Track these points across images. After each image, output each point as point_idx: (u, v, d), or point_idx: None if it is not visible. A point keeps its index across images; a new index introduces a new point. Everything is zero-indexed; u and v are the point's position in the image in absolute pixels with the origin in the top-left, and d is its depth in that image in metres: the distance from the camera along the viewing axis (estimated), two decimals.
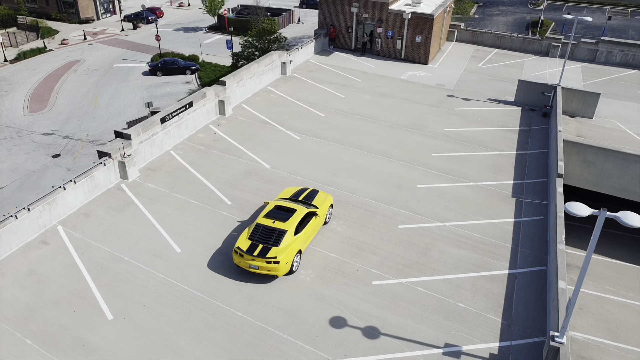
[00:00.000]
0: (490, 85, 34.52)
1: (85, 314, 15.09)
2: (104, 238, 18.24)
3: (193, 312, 15.28)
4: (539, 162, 24.66)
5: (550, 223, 19.40)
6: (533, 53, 41.58)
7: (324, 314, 15.31)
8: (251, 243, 16.34)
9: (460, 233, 19.18)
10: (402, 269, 17.26)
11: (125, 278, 16.46)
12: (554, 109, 28.82)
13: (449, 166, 23.93)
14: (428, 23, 36.97)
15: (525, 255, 18.12)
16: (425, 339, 14.59)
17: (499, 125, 28.47)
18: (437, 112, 29.97)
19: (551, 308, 15.17)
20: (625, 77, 36.95)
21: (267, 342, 14.36)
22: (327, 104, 30.45)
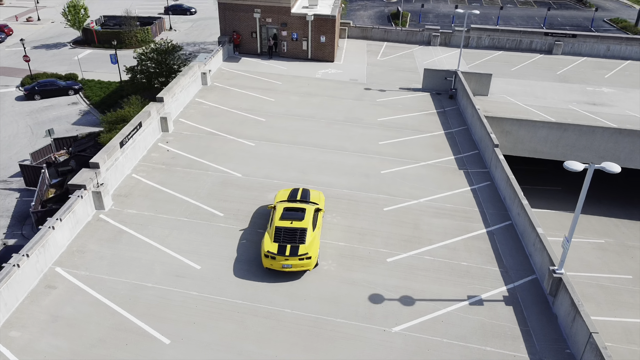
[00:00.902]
0: (396, 76, 38.36)
1: (140, 344, 14.93)
2: (114, 270, 17.71)
3: (245, 318, 15.95)
4: (465, 137, 28.70)
5: (500, 186, 23.20)
6: (417, 43, 46.65)
7: (361, 294, 17.04)
8: (279, 245, 17.36)
9: (435, 206, 22.09)
10: (405, 244, 19.60)
11: (160, 303, 16.41)
12: (459, 91, 33.40)
13: (398, 151, 26.82)
14: (331, 23, 39.66)
15: (492, 215, 21.62)
16: (450, 296, 17.12)
17: (420, 110, 32.19)
18: (363, 105, 32.78)
19: (533, 250, 18.68)
20: (496, 58, 43.48)
21: (326, 329, 15.70)
22: (261, 108, 31.51)
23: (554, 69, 41.19)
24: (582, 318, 14.68)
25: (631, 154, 27.22)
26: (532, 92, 36.11)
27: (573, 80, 38.74)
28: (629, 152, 27.25)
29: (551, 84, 37.85)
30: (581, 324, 14.71)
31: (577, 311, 15.00)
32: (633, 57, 43.52)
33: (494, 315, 16.44)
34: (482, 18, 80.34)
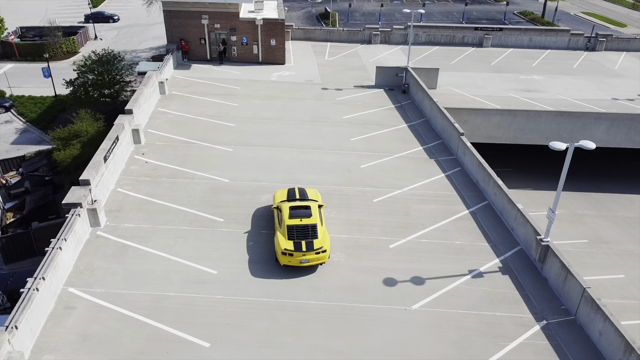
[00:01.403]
0: (347, 75, 39.96)
1: (181, 350, 15.23)
2: (130, 284, 17.69)
3: (275, 314, 16.67)
4: (426, 129, 30.81)
5: (470, 170, 25.38)
6: (359, 42, 48.62)
7: (375, 280, 18.30)
8: (294, 242, 18.20)
9: (418, 193, 23.83)
10: (401, 230, 21.11)
11: (188, 310, 16.71)
12: (411, 86, 35.60)
13: (370, 145, 28.35)
14: (280, 27, 40.51)
15: (470, 197, 23.69)
16: (453, 273, 18.83)
17: (379, 106, 33.98)
18: (325, 104, 34.03)
19: (515, 225, 20.88)
20: (434, 53, 46.39)
21: (354, 314, 16.81)
22: (228, 114, 31.83)
23: (487, 60, 44.73)
24: (574, 277, 16.90)
25: (571, 133, 30.67)
26: (473, 83, 39.13)
27: (506, 70, 42.36)
28: (569, 131, 30.68)
29: (489, 74, 41.17)
30: (573, 282, 16.93)
31: (568, 272, 17.22)
32: (551, 46, 48.17)
33: (494, 284, 18.35)
34: (406, 15, 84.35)
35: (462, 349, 15.68)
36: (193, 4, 39.55)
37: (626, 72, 42.65)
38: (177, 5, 39.57)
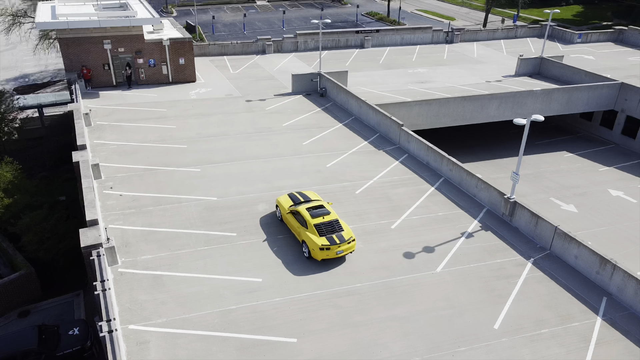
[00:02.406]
0: (261, 85, 41.87)
1: (275, 350, 16.48)
2: (189, 308, 18.15)
3: (335, 302, 18.66)
4: (359, 125, 34.41)
5: (419, 155, 29.56)
6: (253, 53, 50.55)
7: (396, 256, 21.24)
8: (326, 237, 20.27)
9: (387, 180, 27.27)
10: (393, 213, 24.32)
11: (258, 316, 17.86)
12: (329, 89, 38.99)
13: (323, 146, 31.03)
14: (188, 45, 40.78)
15: (428, 177, 27.83)
16: (451, 237, 22.60)
17: (308, 111, 36.71)
18: (259, 115, 35.71)
19: (477, 191, 25.44)
20: (327, 57, 50.34)
21: (395, 286, 19.54)
22: (172, 136, 31.84)
23: (374, 60, 50.06)
24: (545, 220, 21.82)
25: (472, 113, 36.84)
26: (375, 81, 43.89)
27: (394, 67, 48.04)
28: (471, 112, 36.81)
29: (382, 72, 46.35)
30: (545, 224, 21.84)
31: (539, 217, 22.11)
32: (419, 42, 55.47)
33: (483, 240, 22.56)
34: (267, 23, 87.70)
35: (489, 291, 19.48)
36: (92, 30, 37.91)
37: (484, 58, 51.32)
38: (75, 32, 37.56)
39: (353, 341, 17.09)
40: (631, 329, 17.98)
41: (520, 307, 18.83)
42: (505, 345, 17.12)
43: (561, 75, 43.93)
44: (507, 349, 16.98)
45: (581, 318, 18.44)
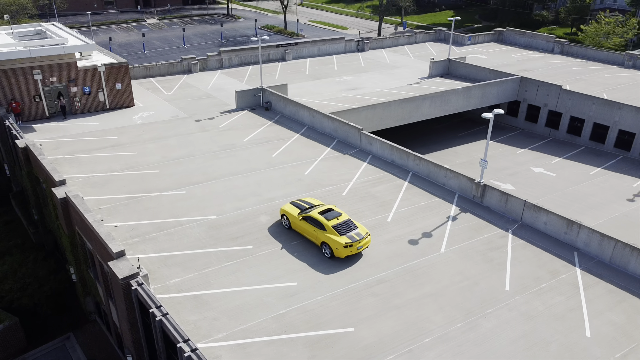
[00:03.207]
0: (203, 103, 42.16)
1: (339, 341, 18.03)
2: (240, 320, 18.94)
3: (371, 291, 20.61)
4: (315, 134, 36.53)
5: (383, 154, 32.42)
6: (179, 73, 50.24)
7: (402, 244, 23.73)
8: (346, 236, 22.14)
9: (364, 181, 29.74)
10: (383, 208, 26.82)
11: (306, 317, 19.22)
12: (274, 102, 40.63)
13: (292, 157, 32.67)
14: (124, 70, 39.81)
15: (398, 172, 30.79)
16: (440, 222, 25.62)
17: (261, 125, 37.99)
18: (216, 133, 36.24)
19: (446, 180, 28.90)
20: (253, 72, 51.56)
21: (414, 269, 22.01)
22: (138, 163, 31.35)
23: (300, 71, 52.41)
24: (514, 196, 25.78)
25: (410, 112, 40.80)
26: (309, 91, 46.21)
27: (321, 77, 50.79)
28: (409, 112, 40.74)
29: (312, 82, 48.85)
30: (514, 200, 25.80)
31: (508, 195, 26.03)
32: (334, 52, 58.94)
33: (467, 220, 25.96)
34: (166, 42, 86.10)
35: (489, 261, 22.79)
36: (20, 60, 35.60)
37: (396, 63, 56.15)
38: (0, 64, 35.01)
39: (401, 320, 19.25)
40: (603, 273, 22.32)
41: (518, 270, 22.37)
42: (520, 301, 20.43)
43: (468, 74, 49.94)
44: (522, 304, 20.29)
45: (565, 271, 22.44)
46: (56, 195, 24.70)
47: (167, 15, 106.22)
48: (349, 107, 39.11)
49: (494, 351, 18.04)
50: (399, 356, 17.67)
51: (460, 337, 18.62)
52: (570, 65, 55.12)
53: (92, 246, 23.01)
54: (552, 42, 61.00)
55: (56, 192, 24.82)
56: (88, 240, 23.46)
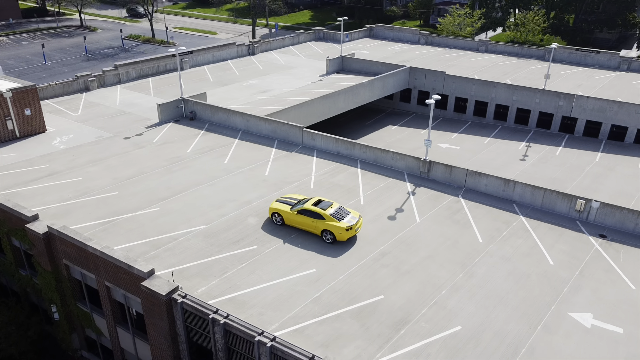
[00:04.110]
0: (122, 120, 40.73)
1: (377, 311, 20.62)
2: (282, 311, 20.50)
3: (381, 263, 23.46)
4: (254, 137, 37.96)
5: (327, 148, 35.23)
6: (77, 92, 47.21)
7: (383, 221, 26.94)
8: (344, 220, 24.65)
9: (323, 172, 32.31)
10: (351, 194, 29.72)
11: (339, 295, 21.46)
12: (200, 111, 41.00)
13: (244, 161, 33.90)
14: (33, 94, 36.84)
15: (347, 162, 33.87)
16: (404, 198, 29.37)
17: (194, 135, 38.23)
18: (155, 148, 35.72)
19: (393, 162, 32.79)
20: (157, 83, 50.42)
21: (407, 238, 25.37)
22: (89, 188, 30.06)
23: (204, 79, 52.51)
24: (456, 167, 30.56)
25: (329, 107, 44.10)
26: (224, 97, 46.89)
27: (227, 82, 51.58)
28: (328, 107, 43.99)
29: (222, 88, 49.47)
30: (457, 170, 30.61)
31: (451, 167, 30.74)
32: (229, 57, 59.76)
33: (424, 193, 30.09)
34: (22, 60, 78.16)
35: (457, 223, 27.10)
36: None
37: (291, 64, 59.03)
38: None
39: (416, 281, 22.51)
40: (540, 217, 28.04)
41: (481, 225, 27.06)
42: (494, 249, 25.02)
43: (361, 68, 54.87)
44: (497, 250, 24.89)
45: (513, 220, 27.70)
46: (35, 232, 23.19)
47: (10, 30, 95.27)
48: (274, 109, 41.15)
49: (495, 288, 22.22)
50: (430, 308, 20.94)
51: (466, 284, 22.49)
52: (439, 54, 63.36)
53: (97, 275, 22.30)
54: (418, 35, 69.17)
55: (34, 228, 23.29)
56: (90, 270, 22.60)
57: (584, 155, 41.78)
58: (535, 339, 19.57)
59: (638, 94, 47.84)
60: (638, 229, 26.50)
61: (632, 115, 43.14)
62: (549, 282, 22.81)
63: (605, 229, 27.00)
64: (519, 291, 22.15)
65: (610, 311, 21.12)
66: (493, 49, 64.16)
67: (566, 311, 21.05)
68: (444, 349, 18.97)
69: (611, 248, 25.44)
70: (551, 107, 46.40)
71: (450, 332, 19.77)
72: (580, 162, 40.59)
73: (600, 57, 57.79)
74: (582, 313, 20.94)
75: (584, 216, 27.61)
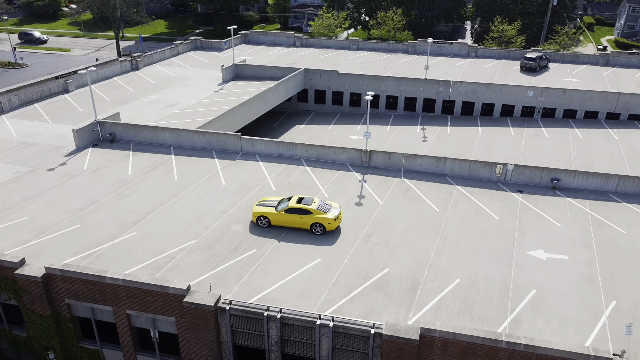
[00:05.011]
0: (32, 152, 37.55)
1: (390, 281, 23.71)
2: (316, 297, 22.50)
3: (371, 242, 26.56)
4: (190, 151, 38.09)
5: (269, 152, 37.02)
6: None
7: (352, 208, 30.04)
8: (331, 211, 27.20)
9: (277, 173, 34.22)
10: (313, 191, 32.26)
11: (354, 275, 24.11)
12: (120, 132, 39.62)
13: (194, 176, 34.19)
14: None
15: (292, 161, 36.13)
16: (358, 185, 32.75)
17: (123, 158, 37.05)
18: (91, 176, 34.06)
19: (335, 156, 35.95)
20: (51, 107, 46.54)
21: (381, 219, 28.77)
22: (43, 225, 28.14)
23: (100, 99, 49.61)
24: (394, 153, 34.86)
25: (247, 115, 45.45)
26: (134, 115, 45.30)
27: (127, 100, 49.44)
28: (246, 114, 45.34)
29: (125, 106, 47.39)
30: (395, 155, 34.93)
31: (390, 153, 34.95)
32: (113, 74, 56.93)
33: (373, 179, 33.81)
34: None
35: (412, 199, 31.37)
36: None
37: (182, 75, 58.36)
38: None
39: (407, 251, 26.13)
40: (469, 184, 33.65)
41: (431, 198, 31.69)
42: (451, 214, 29.76)
43: (256, 74, 56.85)
44: (454, 215, 29.65)
45: (453, 190, 32.87)
46: (30, 276, 21.65)
47: None
48: (195, 121, 41.52)
49: (467, 245, 26.83)
50: (429, 270, 24.70)
51: (445, 246, 26.75)
52: (317, 55, 67.91)
53: (116, 305, 21.74)
54: (292, 38, 72.98)
55: (28, 273, 21.68)
56: (105, 302, 21.84)
57: (470, 131, 49.57)
58: (515, 275, 24.53)
59: (492, 75, 57.69)
60: (543, 181, 33.51)
61: (496, 94, 52.19)
62: (502, 232, 28.19)
63: (520, 185, 33.60)
64: (485, 243, 27.10)
65: (553, 245, 27.10)
66: (364, 47, 70.72)
67: (524, 251, 26.49)
68: (456, 299, 22.88)
69: (530, 199, 31.95)
70: (433, 93, 53.75)
71: (454, 285, 23.77)
72: (468, 137, 48.15)
73: (453, 47, 67.65)
74: (536, 250, 26.56)
75: (503, 178, 33.93)
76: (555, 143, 45.74)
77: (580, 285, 23.99)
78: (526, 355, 18.18)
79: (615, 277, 24.54)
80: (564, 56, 64.81)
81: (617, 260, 25.86)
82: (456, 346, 18.66)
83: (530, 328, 21.12)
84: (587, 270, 25.00)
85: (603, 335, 20.99)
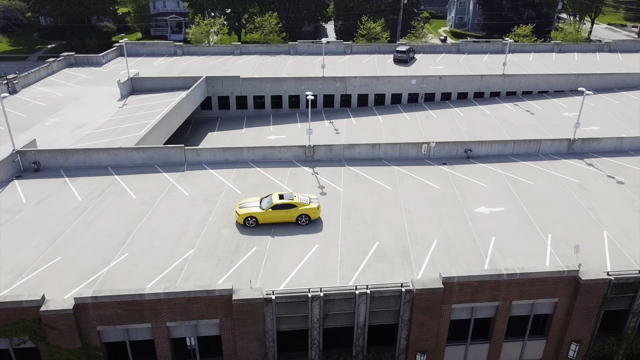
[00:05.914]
0: None
1: (384, 260, 27.45)
2: (332, 280, 25.27)
3: (357, 221, 29.93)
4: (131, 169, 37.31)
5: (214, 159, 37.98)
6: None
7: (326, 198, 33.08)
8: (312, 202, 29.95)
9: (233, 178, 35.59)
10: (274, 187, 34.46)
11: (358, 254, 27.34)
12: (45, 160, 37.17)
13: (150, 194, 34.07)
14: None
15: (241, 165, 37.70)
16: (313, 179, 35.81)
17: (61, 185, 35.16)
18: (37, 208, 32.00)
19: (281, 154, 38.40)
20: None
21: (350, 204, 32.27)
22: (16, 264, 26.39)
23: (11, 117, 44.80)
24: (334, 144, 38.56)
25: (169, 126, 45.01)
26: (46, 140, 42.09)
27: (26, 125, 45.39)
28: (168, 126, 44.85)
29: (29, 131, 43.65)
30: (335, 147, 38.62)
31: (331, 146, 38.52)
32: None
33: (322, 171, 37.11)
34: None
35: (364, 183, 35.44)
36: None
37: (72, 94, 54.59)
38: None
39: (384, 225, 30.11)
40: (403, 163, 38.82)
41: (378, 179, 36.11)
42: (402, 190, 34.47)
43: (155, 86, 55.80)
44: (405, 190, 34.40)
45: (393, 170, 37.70)
46: (59, 310, 20.87)
47: None
48: (117, 139, 40.61)
49: (427, 212, 31.73)
50: (409, 237, 28.98)
51: (411, 216, 31.31)
52: (204, 62, 68.24)
53: (155, 320, 22.04)
54: (173, 47, 72.08)
55: (55, 308, 20.85)
56: (143, 320, 21.93)
57: (371, 120, 55.31)
58: (474, 229, 30.04)
59: (373, 69, 64.43)
60: (459, 153, 40.09)
61: (386, 85, 58.79)
62: (448, 198, 33.72)
63: (442, 159, 39.77)
64: (440, 208, 32.32)
65: (489, 201, 33.33)
66: (247, 51, 72.79)
67: (472, 210, 32.26)
68: (442, 254, 27.54)
69: (454, 168, 38.19)
70: (331, 89, 58.47)
71: (435, 244, 28.45)
72: (373, 125, 53.77)
73: (331, 46, 73.31)
74: (480, 207, 32.53)
75: (428, 155, 39.78)
76: (445, 122, 53.60)
77: (522, 227, 30.40)
78: (521, 282, 23.44)
79: (543, 217, 31.49)
80: (424, 47, 74.59)
81: (537, 205, 32.98)
82: (470, 287, 23.20)
83: (505, 265, 26.65)
84: (522, 216, 31.60)
85: (554, 259, 27.38)
